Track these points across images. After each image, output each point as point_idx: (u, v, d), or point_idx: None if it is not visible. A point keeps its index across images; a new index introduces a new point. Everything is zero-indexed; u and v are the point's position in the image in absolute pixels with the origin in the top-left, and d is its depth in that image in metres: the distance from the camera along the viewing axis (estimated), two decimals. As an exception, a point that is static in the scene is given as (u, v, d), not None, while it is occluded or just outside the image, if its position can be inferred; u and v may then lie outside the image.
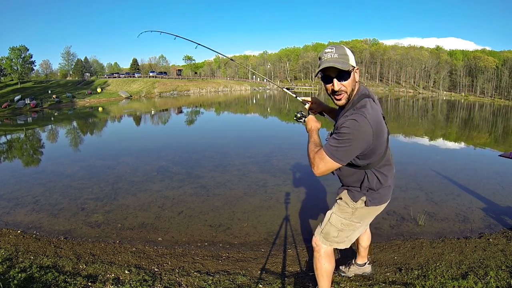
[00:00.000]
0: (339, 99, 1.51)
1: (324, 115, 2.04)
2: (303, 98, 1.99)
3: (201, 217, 4.33)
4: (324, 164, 1.43)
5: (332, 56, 1.44)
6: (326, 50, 1.48)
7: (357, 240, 2.22)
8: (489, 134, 14.67)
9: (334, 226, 1.76)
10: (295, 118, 1.85)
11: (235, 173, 6.40)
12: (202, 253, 3.30)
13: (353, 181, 1.64)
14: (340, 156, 1.40)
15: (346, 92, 1.49)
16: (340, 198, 1.76)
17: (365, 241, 2.23)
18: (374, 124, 1.39)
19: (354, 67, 1.49)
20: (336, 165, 1.42)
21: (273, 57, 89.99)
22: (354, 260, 2.43)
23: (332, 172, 1.60)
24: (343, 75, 1.45)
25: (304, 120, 1.79)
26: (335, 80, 1.46)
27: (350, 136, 1.36)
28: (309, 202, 4.70)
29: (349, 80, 1.47)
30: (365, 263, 2.41)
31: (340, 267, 2.49)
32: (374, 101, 1.50)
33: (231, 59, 2.85)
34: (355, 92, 1.52)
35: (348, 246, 1.82)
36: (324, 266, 1.80)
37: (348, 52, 1.47)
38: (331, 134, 1.49)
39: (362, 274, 2.47)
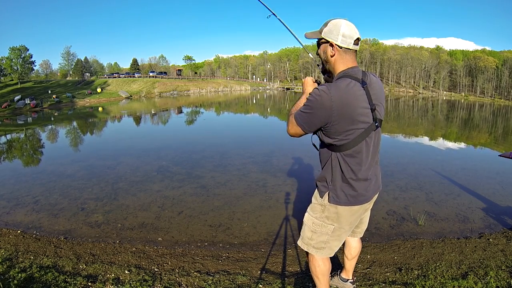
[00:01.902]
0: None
1: None
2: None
3: (201, 217, 4.33)
4: (292, 127, 1.49)
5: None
6: None
7: (343, 249, 2.04)
8: (489, 134, 14.67)
9: (307, 225, 1.68)
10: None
11: (235, 173, 6.40)
12: (202, 253, 3.30)
13: (323, 159, 1.57)
14: (301, 122, 1.43)
15: (321, 60, 1.56)
16: (314, 193, 1.70)
17: (351, 252, 2.00)
18: (338, 101, 1.34)
19: (326, 40, 1.47)
20: (299, 129, 1.46)
21: (273, 57, 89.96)
22: (339, 272, 2.24)
23: (316, 148, 1.63)
24: (318, 43, 1.54)
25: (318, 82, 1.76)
26: None
27: (310, 104, 1.38)
28: (309, 202, 4.68)
29: (320, 49, 1.54)
30: (348, 280, 2.16)
31: None
32: (364, 87, 1.40)
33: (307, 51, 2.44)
34: (332, 66, 1.51)
35: (329, 255, 1.68)
36: (319, 268, 1.72)
37: (330, 24, 1.45)
38: None
39: None
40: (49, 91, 36.28)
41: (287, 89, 64.23)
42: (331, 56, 1.48)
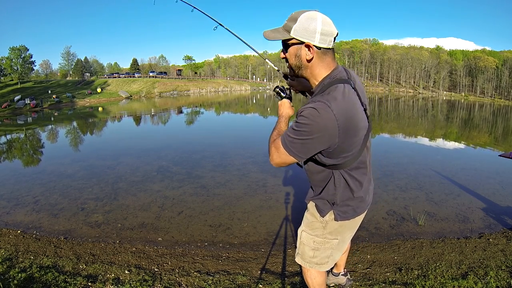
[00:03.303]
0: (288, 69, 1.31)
1: (306, 95, 1.76)
2: (285, 71, 1.75)
3: (201, 217, 4.33)
4: (279, 156, 1.22)
5: (283, 23, 1.22)
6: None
7: None
8: (489, 134, 14.67)
9: (307, 245, 1.51)
10: (273, 91, 1.60)
11: (235, 173, 6.40)
12: (202, 253, 3.30)
13: (319, 180, 1.37)
14: (296, 151, 1.16)
15: (290, 65, 1.27)
16: (308, 210, 1.52)
17: None
18: (342, 117, 1.10)
19: (298, 40, 1.18)
20: (291, 159, 1.20)
21: (273, 57, 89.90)
22: (331, 268, 2.15)
23: (300, 166, 1.43)
24: (284, 44, 1.24)
25: (280, 97, 1.54)
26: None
27: (307, 128, 1.10)
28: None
29: (288, 53, 1.24)
30: (339, 273, 2.13)
31: None
32: (353, 87, 1.20)
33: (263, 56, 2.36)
34: (309, 72, 1.25)
35: (331, 266, 1.57)
36: (315, 280, 1.62)
37: (303, 19, 1.16)
38: None
39: (338, 284, 2.18)
40: (49, 91, 36.27)
41: (287, 89, 64.15)
42: (308, 61, 1.21)
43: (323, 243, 1.47)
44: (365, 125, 1.23)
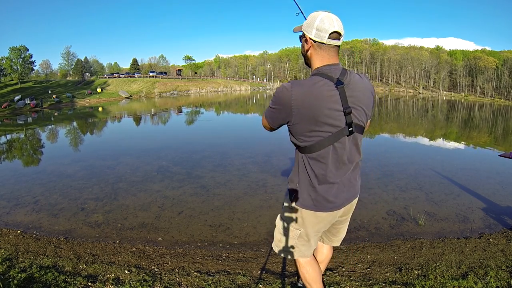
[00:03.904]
0: None
1: None
2: None
3: (201, 217, 4.33)
4: (263, 119, 1.47)
5: None
6: None
7: (315, 251, 1.83)
8: (489, 134, 14.67)
9: (277, 227, 1.64)
10: None
11: (235, 173, 6.40)
12: (202, 253, 3.30)
13: (295, 159, 1.49)
14: (267, 115, 1.41)
15: (302, 54, 1.48)
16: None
17: (318, 255, 1.83)
18: (298, 100, 1.25)
19: (304, 33, 1.39)
20: (266, 123, 1.44)
21: (273, 57, 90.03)
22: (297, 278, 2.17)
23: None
24: (300, 37, 1.46)
25: None
26: None
27: (273, 99, 1.34)
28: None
29: (301, 44, 1.46)
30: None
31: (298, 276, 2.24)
32: (337, 87, 1.27)
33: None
34: (309, 62, 1.43)
35: (302, 257, 1.60)
36: (308, 274, 1.65)
37: (309, 17, 1.37)
38: None
39: None
40: (49, 91, 36.27)
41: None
42: (307, 51, 1.40)
43: (287, 229, 1.56)
44: (336, 124, 1.29)
